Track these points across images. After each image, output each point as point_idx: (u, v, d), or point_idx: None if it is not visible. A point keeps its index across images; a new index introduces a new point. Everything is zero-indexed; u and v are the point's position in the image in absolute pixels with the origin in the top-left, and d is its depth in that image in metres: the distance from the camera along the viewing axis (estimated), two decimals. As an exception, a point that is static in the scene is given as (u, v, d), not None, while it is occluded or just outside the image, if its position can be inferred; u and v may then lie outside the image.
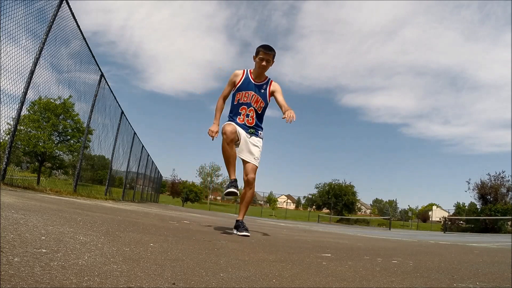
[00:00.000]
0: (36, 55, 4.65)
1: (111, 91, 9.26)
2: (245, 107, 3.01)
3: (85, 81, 7.48)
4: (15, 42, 4.19)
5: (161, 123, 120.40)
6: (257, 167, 3.02)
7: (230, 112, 3.10)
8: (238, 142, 2.96)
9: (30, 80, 4.56)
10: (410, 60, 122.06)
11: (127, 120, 11.64)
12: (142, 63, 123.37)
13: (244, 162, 3.00)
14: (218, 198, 67.88)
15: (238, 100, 3.04)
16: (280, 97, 3.06)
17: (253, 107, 3.01)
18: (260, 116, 3.09)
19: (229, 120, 3.07)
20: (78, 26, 5.94)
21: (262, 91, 3.05)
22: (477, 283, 1.41)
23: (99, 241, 1.46)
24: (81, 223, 2.00)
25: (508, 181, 29.47)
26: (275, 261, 1.56)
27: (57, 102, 11.28)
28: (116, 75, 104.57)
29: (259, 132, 3.09)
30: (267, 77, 3.10)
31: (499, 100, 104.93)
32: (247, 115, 3.02)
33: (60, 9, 5.09)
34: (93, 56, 7.19)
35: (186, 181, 51.23)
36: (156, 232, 2.19)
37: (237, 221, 3.00)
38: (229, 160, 2.91)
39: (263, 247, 2.17)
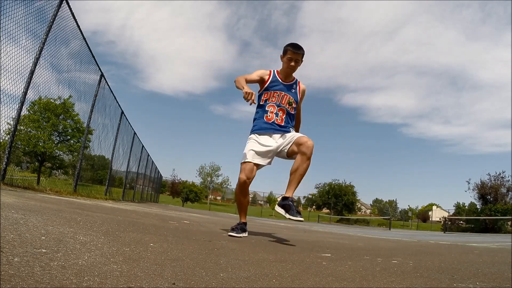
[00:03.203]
0: (36, 55, 4.65)
1: (111, 91, 9.26)
2: (274, 105, 2.79)
3: (85, 81, 7.49)
4: (15, 42, 4.19)
5: (161, 123, 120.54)
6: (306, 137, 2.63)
7: (257, 115, 2.86)
8: (280, 152, 2.72)
9: (30, 80, 4.56)
10: (410, 59, 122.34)
11: (127, 120, 11.64)
12: (141, 62, 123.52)
13: (291, 151, 2.67)
14: (218, 198, 67.88)
15: (266, 100, 2.82)
16: (300, 103, 2.98)
17: (283, 107, 2.80)
18: (291, 117, 2.86)
19: (255, 127, 2.80)
20: (78, 26, 5.94)
21: (293, 90, 2.87)
22: (477, 283, 1.41)
23: (99, 241, 1.46)
24: (81, 223, 2.00)
25: (508, 181, 29.50)
26: (275, 261, 1.56)
27: (57, 102, 11.29)
28: (116, 75, 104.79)
29: (290, 128, 2.83)
30: (294, 77, 2.93)
31: (500, 100, 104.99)
32: (276, 114, 2.78)
33: (60, 9, 5.09)
34: (93, 56, 7.20)
35: (186, 181, 51.24)
36: (156, 232, 2.19)
37: (284, 198, 2.60)
38: (241, 206, 2.77)
39: (263, 247, 2.17)
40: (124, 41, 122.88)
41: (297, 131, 3.01)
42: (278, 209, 2.62)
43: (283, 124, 2.78)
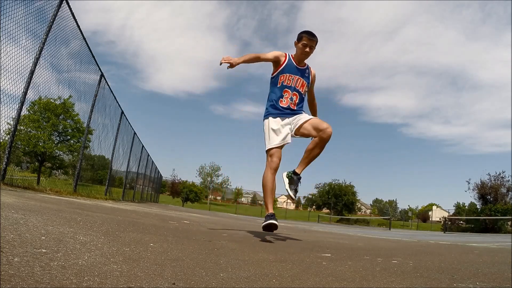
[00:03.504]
0: (36, 55, 4.65)
1: (111, 91, 9.26)
2: (289, 90, 2.88)
3: (85, 81, 7.49)
4: (15, 42, 4.19)
5: (161, 123, 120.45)
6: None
7: (272, 95, 2.94)
8: (296, 132, 2.84)
9: (30, 80, 4.56)
10: (410, 59, 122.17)
11: (127, 120, 11.65)
12: (141, 62, 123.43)
13: (303, 129, 2.80)
14: (218, 198, 67.86)
15: (282, 82, 2.89)
16: (312, 87, 3.12)
17: (298, 91, 2.90)
18: (302, 101, 2.97)
19: (270, 110, 2.90)
20: (78, 26, 5.94)
21: (306, 75, 2.97)
22: (477, 283, 1.41)
23: (99, 241, 1.46)
24: (81, 223, 2.00)
25: (508, 181, 29.49)
26: (275, 261, 1.56)
27: (57, 102, 11.29)
28: (115, 75, 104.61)
29: (302, 111, 2.95)
30: (306, 63, 3.01)
31: (500, 100, 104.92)
32: (291, 99, 2.88)
33: (60, 9, 5.09)
34: (93, 56, 7.20)
35: (186, 181, 51.23)
36: (156, 232, 2.19)
37: (295, 173, 2.84)
38: (269, 191, 2.76)
39: (263, 247, 2.17)
40: (124, 41, 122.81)
41: (314, 115, 3.19)
42: (284, 177, 2.86)
43: (295, 108, 2.90)
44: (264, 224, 2.55)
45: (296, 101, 2.89)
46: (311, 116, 2.91)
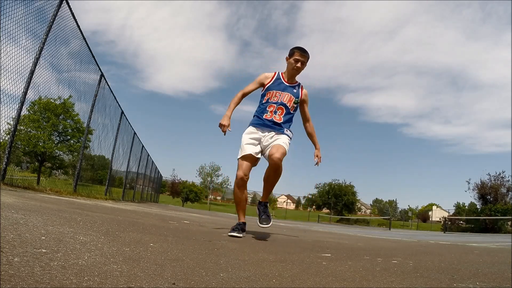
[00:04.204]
0: (36, 55, 4.65)
1: (111, 91, 9.26)
2: (274, 105, 2.84)
3: (85, 81, 7.49)
4: (15, 42, 4.19)
5: (161, 123, 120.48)
6: (284, 148, 2.68)
7: (257, 111, 2.93)
8: (264, 153, 2.79)
9: (30, 80, 4.56)
10: (410, 59, 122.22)
11: (127, 120, 11.64)
12: (141, 62, 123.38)
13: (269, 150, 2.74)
14: (218, 198, 67.86)
15: (268, 99, 2.87)
16: (306, 108, 3.02)
17: (284, 105, 2.84)
18: (290, 116, 2.89)
19: (252, 121, 2.89)
20: (78, 26, 5.94)
21: (295, 91, 2.90)
22: (477, 283, 1.41)
23: (99, 241, 1.46)
24: (81, 223, 2.00)
25: (508, 181, 29.45)
26: (275, 261, 1.56)
27: (57, 102, 11.28)
28: (115, 75, 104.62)
29: (285, 130, 2.85)
30: (297, 81, 2.96)
31: (500, 100, 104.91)
32: (275, 112, 2.83)
33: (60, 8, 5.09)
34: (93, 56, 7.19)
35: (186, 181, 51.24)
36: (156, 232, 2.19)
37: (260, 203, 2.95)
38: (240, 204, 2.84)
39: (263, 247, 2.17)
40: (124, 41, 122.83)
41: (310, 137, 3.17)
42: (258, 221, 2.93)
43: (280, 121, 2.83)
44: (229, 233, 2.66)
45: (281, 115, 2.83)
46: (278, 141, 2.74)
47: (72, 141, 14.58)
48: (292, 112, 2.89)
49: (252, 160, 2.77)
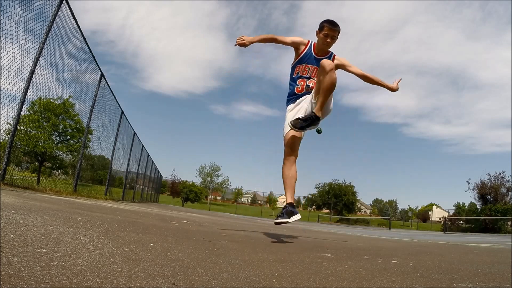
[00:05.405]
0: (36, 55, 4.65)
1: (111, 91, 9.26)
2: (304, 79, 2.84)
3: (85, 81, 7.49)
4: (15, 42, 4.19)
5: (161, 123, 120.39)
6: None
7: (289, 85, 2.94)
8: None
9: (30, 80, 4.56)
10: (411, 59, 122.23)
11: (127, 120, 11.65)
12: (141, 62, 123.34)
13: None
14: (218, 198, 67.85)
15: (298, 73, 2.87)
16: (347, 64, 2.91)
17: (314, 79, 2.82)
18: None
19: (288, 98, 2.90)
20: (78, 26, 5.94)
21: None
22: (477, 283, 1.41)
23: (99, 241, 1.46)
24: (81, 223, 2.00)
25: (508, 181, 29.49)
26: (275, 261, 1.56)
27: (57, 102, 11.28)
28: (115, 75, 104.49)
29: None
30: (329, 51, 2.89)
31: (500, 99, 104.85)
32: (307, 86, 2.84)
33: (60, 8, 5.09)
34: (93, 56, 7.20)
35: (186, 181, 51.23)
36: (156, 232, 2.19)
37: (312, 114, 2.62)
38: (289, 180, 2.72)
39: (263, 247, 2.17)
40: (123, 40, 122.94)
41: (381, 82, 3.06)
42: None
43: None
44: (275, 221, 2.59)
45: (313, 87, 2.79)
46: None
47: (72, 141, 14.59)
48: None
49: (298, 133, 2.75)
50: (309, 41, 2.91)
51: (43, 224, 1.64)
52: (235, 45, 2.71)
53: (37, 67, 4.67)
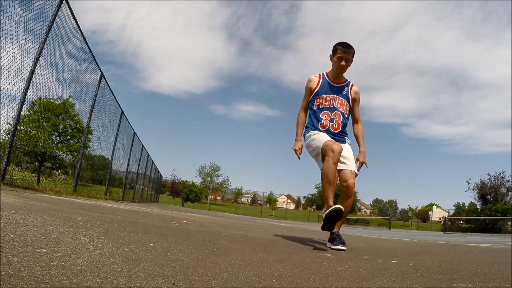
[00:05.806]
0: (36, 55, 4.65)
1: (111, 91, 9.26)
2: (328, 112, 2.65)
3: (85, 81, 7.48)
4: (15, 42, 4.19)
5: (161, 123, 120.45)
6: (356, 173, 2.58)
7: (310, 121, 2.75)
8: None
9: (30, 80, 4.56)
10: (411, 59, 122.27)
11: (127, 120, 11.64)
12: (141, 62, 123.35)
13: (339, 170, 2.54)
14: (218, 198, 67.87)
15: (318, 105, 2.69)
16: (357, 108, 2.81)
17: (339, 111, 2.66)
18: (346, 122, 2.72)
19: (308, 131, 2.72)
20: (78, 26, 5.93)
21: (344, 92, 2.72)
22: (477, 283, 1.41)
23: (99, 241, 1.46)
24: (81, 223, 2.00)
25: (508, 181, 29.47)
26: (275, 261, 1.56)
27: (57, 102, 11.28)
28: (115, 75, 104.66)
29: (346, 138, 2.73)
30: (346, 79, 2.78)
31: (500, 99, 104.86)
32: (331, 120, 2.64)
33: (60, 8, 5.08)
34: (93, 56, 7.19)
35: (186, 181, 51.25)
36: (156, 232, 2.19)
37: (332, 233, 2.55)
38: (333, 184, 2.46)
39: (263, 247, 2.17)
40: (123, 40, 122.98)
41: (358, 139, 2.88)
42: (328, 243, 2.62)
43: (338, 131, 2.67)
44: (328, 211, 2.29)
45: (339, 121, 2.65)
46: (346, 168, 2.57)
47: (72, 141, 14.60)
48: (346, 116, 2.73)
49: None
50: (320, 74, 2.80)
51: (43, 224, 1.64)
52: (299, 158, 2.72)
53: (37, 67, 4.67)
